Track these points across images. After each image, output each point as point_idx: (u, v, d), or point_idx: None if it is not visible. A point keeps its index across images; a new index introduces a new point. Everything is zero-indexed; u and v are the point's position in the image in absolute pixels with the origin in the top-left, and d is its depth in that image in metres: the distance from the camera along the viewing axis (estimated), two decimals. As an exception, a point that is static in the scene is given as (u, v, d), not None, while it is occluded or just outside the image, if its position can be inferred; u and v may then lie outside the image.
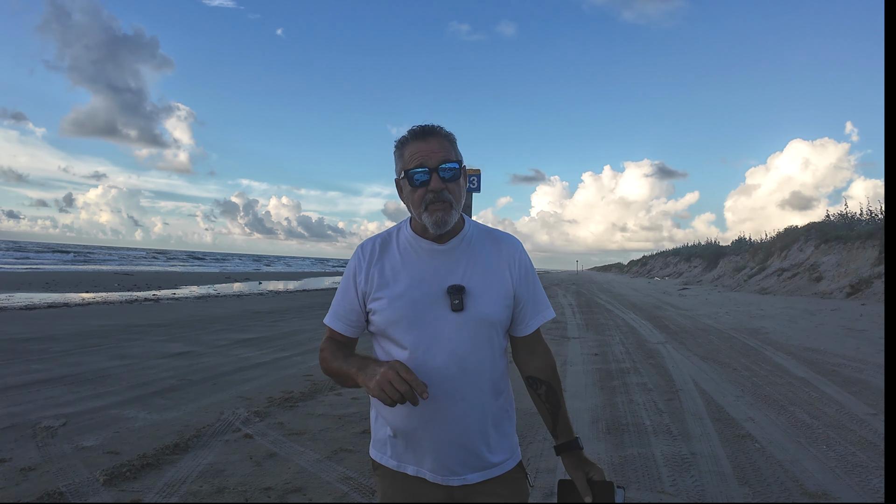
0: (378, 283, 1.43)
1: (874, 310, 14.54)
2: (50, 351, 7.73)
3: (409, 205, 1.44)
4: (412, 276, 1.42)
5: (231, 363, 7.27)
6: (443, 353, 1.38)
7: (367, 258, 1.47)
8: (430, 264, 1.43)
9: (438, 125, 1.43)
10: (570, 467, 1.51)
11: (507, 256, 1.49)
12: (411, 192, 1.40)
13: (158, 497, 3.17)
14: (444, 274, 1.42)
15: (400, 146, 1.44)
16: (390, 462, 1.46)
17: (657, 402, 5.49)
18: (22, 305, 13.92)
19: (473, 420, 1.41)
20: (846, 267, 21.60)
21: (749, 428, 4.61)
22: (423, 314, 1.39)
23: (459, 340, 1.39)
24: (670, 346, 9.30)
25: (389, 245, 1.49)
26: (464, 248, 1.46)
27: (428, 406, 1.34)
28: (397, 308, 1.40)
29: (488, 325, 1.42)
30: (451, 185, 1.39)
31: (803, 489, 3.38)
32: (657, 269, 63.36)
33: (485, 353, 1.42)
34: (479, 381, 1.41)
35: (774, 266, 28.64)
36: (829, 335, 10.34)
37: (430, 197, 1.37)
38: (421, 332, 1.39)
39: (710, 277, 38.47)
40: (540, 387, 1.55)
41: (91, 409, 4.95)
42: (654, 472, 3.67)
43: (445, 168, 1.38)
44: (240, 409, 5.03)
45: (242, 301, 18.42)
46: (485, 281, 1.43)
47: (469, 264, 1.44)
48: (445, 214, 1.37)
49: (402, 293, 1.40)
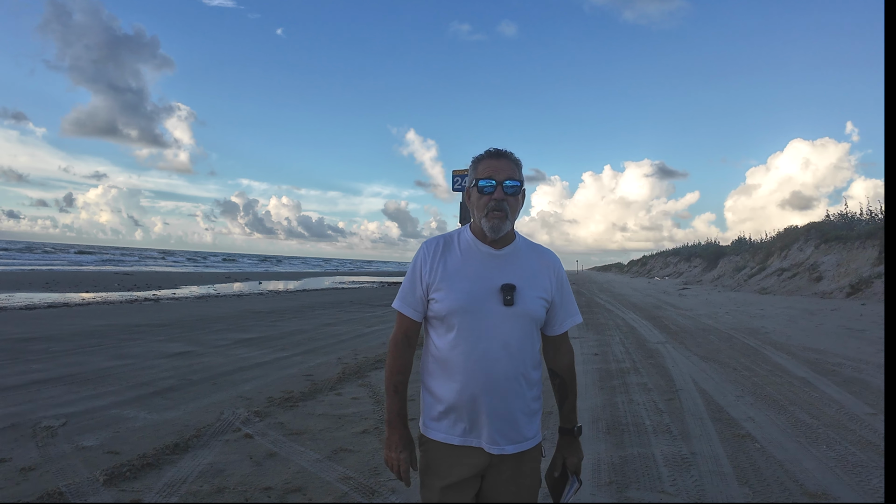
0: (441, 276, 1.68)
1: (874, 310, 14.53)
2: (50, 351, 7.73)
3: (473, 210, 1.73)
4: (471, 273, 1.68)
5: (231, 363, 7.26)
6: (494, 340, 1.63)
7: (433, 253, 1.72)
8: (487, 265, 1.69)
9: (510, 151, 1.74)
10: (557, 448, 1.85)
11: (548, 267, 1.78)
12: (478, 199, 1.68)
13: (158, 497, 3.17)
14: (499, 274, 1.68)
15: (476, 161, 1.74)
16: (439, 435, 1.69)
17: (657, 401, 5.49)
18: (22, 305, 13.92)
19: (517, 398, 1.66)
20: (846, 267, 21.60)
21: (749, 428, 4.61)
22: (480, 306, 1.64)
23: (508, 330, 1.65)
24: (670, 345, 9.30)
25: (452, 245, 1.75)
26: (515, 255, 1.73)
27: (479, 382, 1.63)
28: (457, 298, 1.65)
29: (531, 319, 1.69)
30: (511, 199, 1.67)
31: (803, 489, 3.38)
32: (657, 269, 63.36)
33: (527, 344, 1.69)
34: (522, 366, 1.67)
35: (774, 266, 28.64)
36: (829, 335, 10.34)
37: (493, 205, 1.65)
38: (476, 319, 1.64)
39: (710, 277, 38.46)
40: (556, 378, 1.85)
41: (91, 409, 4.95)
42: (654, 471, 3.67)
43: (509, 185, 1.67)
44: (240, 408, 5.03)
45: (242, 301, 18.42)
46: (531, 283, 1.70)
47: (518, 268, 1.71)
48: (501, 222, 1.65)
49: (462, 286, 1.66)
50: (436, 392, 1.70)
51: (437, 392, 1.69)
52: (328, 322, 12.48)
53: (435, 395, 1.70)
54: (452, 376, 1.66)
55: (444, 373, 1.68)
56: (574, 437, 1.83)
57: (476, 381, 1.63)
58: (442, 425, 1.69)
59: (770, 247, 32.35)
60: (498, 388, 1.64)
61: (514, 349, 1.65)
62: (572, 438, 1.83)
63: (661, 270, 60.21)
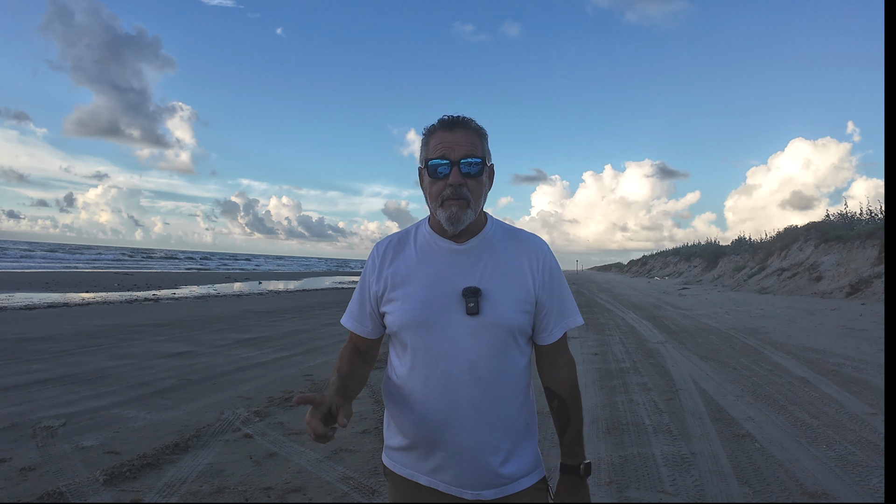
0: (392, 284, 1.38)
1: (874, 309, 14.54)
2: (50, 351, 7.73)
3: (426, 197, 1.39)
4: (427, 276, 1.36)
5: (231, 363, 7.26)
6: (456, 359, 1.31)
7: (381, 259, 1.42)
8: (446, 264, 1.36)
9: (469, 117, 1.36)
10: (556, 492, 1.42)
11: (531, 258, 1.40)
12: (430, 184, 1.35)
13: (158, 497, 3.17)
14: (461, 275, 1.34)
15: (427, 134, 1.37)
16: (404, 471, 1.39)
17: (657, 401, 5.49)
18: (22, 305, 13.92)
19: (486, 432, 1.31)
20: (846, 266, 21.59)
21: (749, 427, 4.61)
22: (436, 317, 1.32)
23: (473, 346, 1.31)
24: (670, 345, 9.30)
25: (406, 243, 1.43)
26: (484, 248, 1.38)
27: (439, 415, 1.31)
28: (409, 309, 1.34)
29: (505, 331, 1.33)
30: (472, 181, 1.32)
31: (803, 489, 3.38)
32: (657, 269, 63.36)
33: (501, 362, 1.33)
34: (494, 391, 1.32)
35: (774, 266, 28.64)
36: (829, 335, 10.34)
37: (448, 192, 1.31)
38: (433, 335, 1.32)
39: (710, 277, 38.46)
40: (553, 399, 1.46)
41: (91, 408, 4.95)
42: (654, 471, 3.67)
43: (468, 162, 1.31)
44: (240, 408, 5.03)
45: (242, 301, 18.42)
46: (504, 283, 1.35)
47: (488, 265, 1.36)
48: (460, 211, 1.31)
49: (415, 294, 1.35)
50: (397, 421, 1.40)
51: (398, 421, 1.40)
52: (328, 322, 12.47)
53: (397, 424, 1.41)
54: (411, 406, 1.35)
55: (402, 401, 1.37)
56: (580, 477, 1.41)
57: (436, 413, 1.31)
58: (408, 459, 1.38)
59: (770, 247, 32.34)
60: (464, 422, 1.30)
61: (483, 370, 1.31)
62: (577, 480, 1.41)
63: (661, 270, 60.21)
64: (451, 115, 1.36)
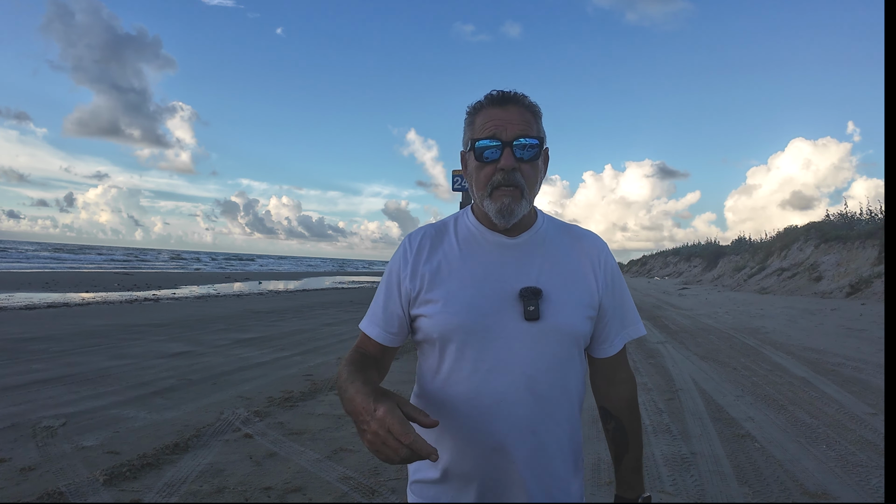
0: (430, 282, 1.15)
1: (874, 309, 14.54)
2: (50, 351, 7.73)
3: (471, 186, 1.18)
4: (474, 273, 1.15)
5: (231, 363, 7.26)
6: (511, 373, 1.10)
7: (416, 251, 1.19)
8: (496, 260, 1.16)
9: (522, 93, 1.16)
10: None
11: (592, 257, 1.21)
12: (477, 170, 1.14)
13: (158, 497, 3.17)
14: (515, 273, 1.14)
15: (472, 113, 1.18)
16: (442, 498, 1.15)
17: (657, 401, 5.49)
18: (22, 305, 13.92)
19: (545, 460, 1.12)
20: (846, 266, 21.59)
21: (749, 427, 4.61)
22: (487, 321, 1.11)
23: (533, 358, 1.10)
24: (670, 345, 9.30)
25: (446, 235, 1.22)
26: (537, 244, 1.19)
27: (487, 441, 1.10)
28: (454, 312, 1.12)
29: (570, 340, 1.14)
30: (527, 166, 1.12)
31: (803, 489, 3.38)
32: (657, 269, 63.36)
33: (564, 376, 1.14)
34: (556, 411, 1.13)
35: (774, 266, 28.64)
36: (829, 335, 10.34)
37: (499, 178, 1.11)
38: (483, 344, 1.10)
39: (710, 277, 38.46)
40: (609, 421, 1.26)
41: (91, 408, 4.95)
42: (655, 471, 3.67)
43: (522, 144, 1.11)
44: (240, 408, 5.03)
45: (242, 301, 18.42)
46: (566, 284, 1.16)
47: (546, 263, 1.17)
48: (514, 203, 1.11)
49: (460, 293, 1.13)
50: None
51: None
52: (328, 322, 12.47)
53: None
54: (452, 430, 1.12)
55: (440, 424, 1.08)
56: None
57: (488, 438, 1.09)
58: (444, 493, 1.15)
59: (770, 247, 32.34)
60: (519, 448, 1.10)
61: (543, 386, 1.11)
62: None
63: (661, 270, 60.21)
64: (502, 91, 1.15)
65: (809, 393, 5.80)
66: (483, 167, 1.13)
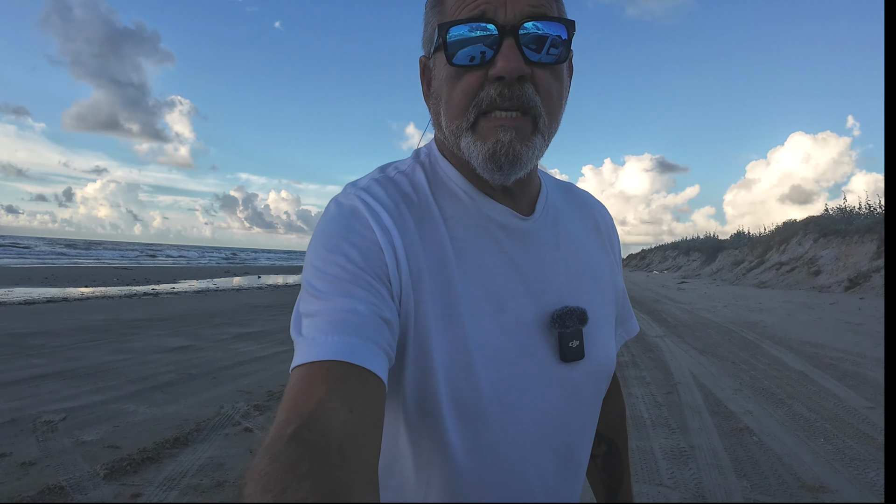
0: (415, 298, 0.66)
1: (872, 304, 14.57)
2: (49, 346, 7.73)
3: (439, 113, 0.70)
4: (479, 287, 0.68)
5: (230, 357, 7.27)
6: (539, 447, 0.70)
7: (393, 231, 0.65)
8: (511, 259, 0.70)
9: None
10: None
11: (604, 235, 0.85)
12: (451, 81, 0.66)
13: (159, 491, 3.18)
14: (540, 282, 0.71)
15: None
16: None
17: (655, 395, 5.50)
18: (21, 300, 13.92)
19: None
20: (844, 261, 21.62)
21: (747, 421, 4.63)
22: (510, 372, 0.67)
23: (569, 419, 0.72)
24: (669, 339, 9.32)
25: (425, 209, 0.70)
26: (549, 223, 0.76)
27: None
28: (452, 353, 0.65)
29: (607, 380, 0.80)
30: (544, 73, 0.65)
31: (801, 482, 3.40)
32: (656, 263, 63.43)
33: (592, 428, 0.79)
34: (579, 478, 0.77)
35: (773, 260, 28.68)
36: (828, 329, 10.37)
37: (493, 95, 0.63)
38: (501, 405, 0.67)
39: (709, 271, 38.51)
40: (600, 445, 0.93)
41: (91, 403, 4.96)
42: (653, 465, 3.69)
43: (537, 33, 0.63)
44: (239, 403, 5.04)
45: (241, 295, 18.42)
46: (600, 291, 0.80)
47: (571, 259, 0.76)
48: (520, 142, 0.64)
49: (462, 322, 0.66)
50: None
51: None
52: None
53: None
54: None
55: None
56: None
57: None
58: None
59: (769, 241, 32.38)
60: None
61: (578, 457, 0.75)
62: None
63: (660, 264, 60.28)
64: None
65: (808, 387, 5.82)
66: (462, 75, 0.64)
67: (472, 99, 0.65)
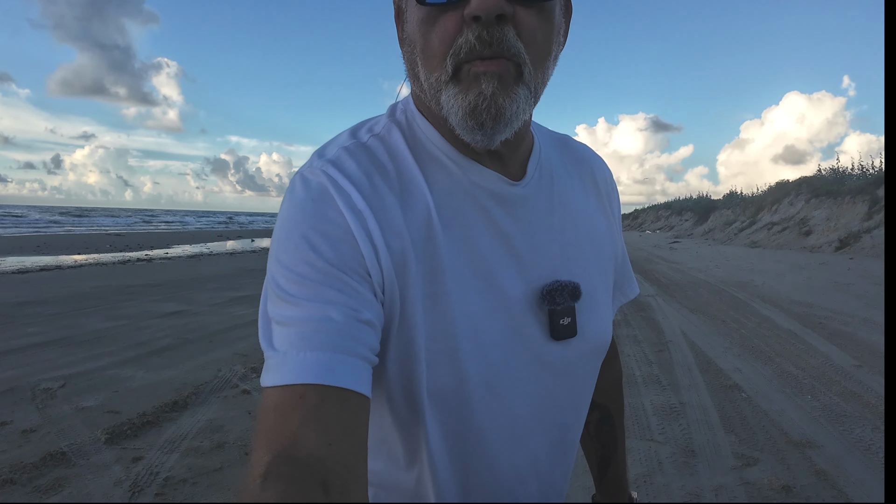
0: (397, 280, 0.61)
1: (862, 264, 14.73)
2: (45, 314, 7.74)
3: (413, 63, 0.62)
4: (471, 263, 0.63)
5: (226, 321, 7.31)
6: (530, 430, 0.68)
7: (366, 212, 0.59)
8: (501, 231, 0.65)
9: None
10: None
11: (602, 192, 0.79)
12: (423, 24, 0.58)
13: (160, 454, 3.24)
14: (531, 254, 0.66)
15: None
16: None
17: (647, 353, 5.59)
18: (14, 269, 13.85)
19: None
20: (835, 221, 21.75)
21: (736, 379, 4.73)
22: (497, 355, 0.64)
23: (563, 401, 0.70)
24: (660, 298, 9.42)
25: (405, 179, 0.63)
26: (544, 186, 0.70)
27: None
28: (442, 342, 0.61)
29: (601, 355, 0.75)
30: (528, 13, 0.56)
31: (788, 437, 3.49)
32: (648, 223, 63.59)
33: (586, 405, 0.76)
34: (570, 456, 0.75)
35: (765, 220, 28.80)
36: (817, 289, 10.50)
37: (471, 40, 0.54)
38: (490, 392, 0.64)
39: (701, 231, 38.68)
40: (593, 412, 0.89)
41: (89, 370, 4.99)
42: (644, 421, 3.78)
43: None
44: (237, 365, 5.09)
45: (235, 259, 18.40)
46: (596, 259, 0.74)
47: (566, 226, 0.71)
48: (503, 93, 0.56)
49: (452, 306, 0.62)
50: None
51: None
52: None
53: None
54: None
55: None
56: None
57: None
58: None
59: (761, 201, 32.45)
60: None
61: (573, 436, 0.74)
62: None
63: (653, 224, 60.45)
64: None
65: (796, 345, 5.92)
66: (437, 17, 0.56)
67: (450, 46, 0.56)
